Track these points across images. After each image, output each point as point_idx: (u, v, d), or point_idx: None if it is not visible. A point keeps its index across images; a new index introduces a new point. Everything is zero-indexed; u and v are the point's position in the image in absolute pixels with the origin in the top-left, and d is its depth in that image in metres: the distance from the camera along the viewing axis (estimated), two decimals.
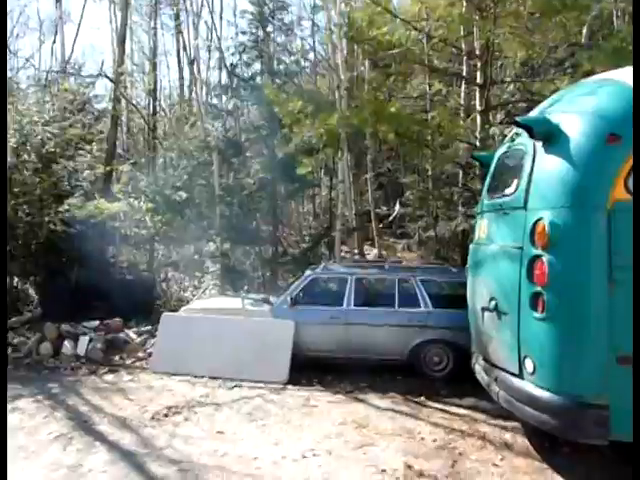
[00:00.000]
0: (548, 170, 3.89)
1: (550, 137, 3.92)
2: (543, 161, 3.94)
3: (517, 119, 4.33)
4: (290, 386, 6.01)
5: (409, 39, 8.17)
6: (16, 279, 10.31)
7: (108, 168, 10.65)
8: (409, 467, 3.99)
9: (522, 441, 4.43)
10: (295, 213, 15.38)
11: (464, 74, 10.09)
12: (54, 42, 20.53)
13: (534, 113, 4.70)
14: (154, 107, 15.09)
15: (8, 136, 9.50)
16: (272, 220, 10.94)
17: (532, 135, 4.04)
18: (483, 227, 4.81)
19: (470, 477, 3.84)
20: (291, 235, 14.04)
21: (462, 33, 9.06)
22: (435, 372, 6.31)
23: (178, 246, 10.76)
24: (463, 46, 9.84)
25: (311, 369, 6.36)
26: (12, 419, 5.00)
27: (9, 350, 7.54)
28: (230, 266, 10.48)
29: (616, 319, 3.45)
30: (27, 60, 18.11)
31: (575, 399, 3.51)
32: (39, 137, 9.73)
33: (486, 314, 4.42)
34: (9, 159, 9.06)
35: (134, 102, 16.35)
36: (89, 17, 33.25)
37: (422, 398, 5.59)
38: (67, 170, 10.03)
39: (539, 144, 4.01)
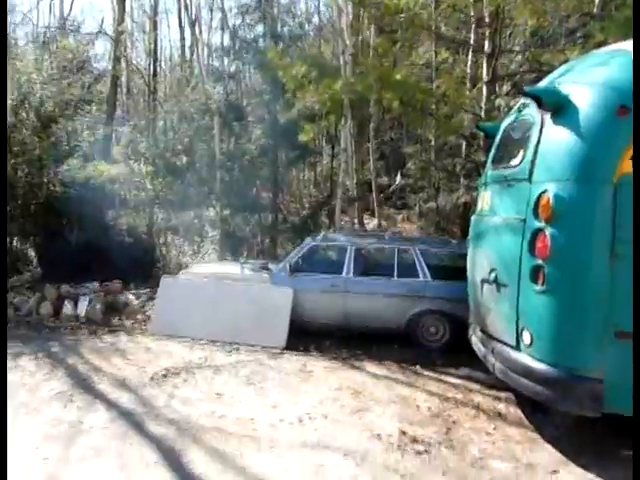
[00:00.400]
0: (555, 142, 3.83)
1: (559, 108, 3.84)
2: (550, 132, 3.88)
3: (526, 88, 4.25)
4: (287, 352, 6.07)
5: (417, 4, 7.94)
6: (15, 239, 10.31)
7: (108, 129, 10.51)
8: (403, 433, 4.06)
9: (515, 411, 4.50)
10: (295, 181, 15.26)
11: (472, 42, 9.84)
12: None
13: (543, 83, 4.61)
14: (154, 68, 14.80)
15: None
16: (272, 187, 10.87)
17: (540, 105, 3.97)
18: (486, 198, 4.77)
19: (463, 444, 3.92)
20: (291, 203, 13.97)
21: None
22: (431, 342, 6.35)
23: (178, 210, 10.70)
24: (472, 13, 9.58)
25: (308, 336, 6.41)
26: (13, 376, 5.08)
27: (10, 309, 7.60)
28: (229, 232, 10.47)
29: (616, 294, 3.46)
30: (25, 15, 17.58)
31: (571, 372, 3.55)
32: (38, 96, 9.57)
33: (485, 286, 4.43)
34: (8, 118, 8.93)
35: (134, 62, 16.03)
36: None
37: (418, 367, 5.66)
38: (66, 131, 9.90)
39: (547, 115, 3.94)
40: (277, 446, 3.86)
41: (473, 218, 5.13)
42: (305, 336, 6.39)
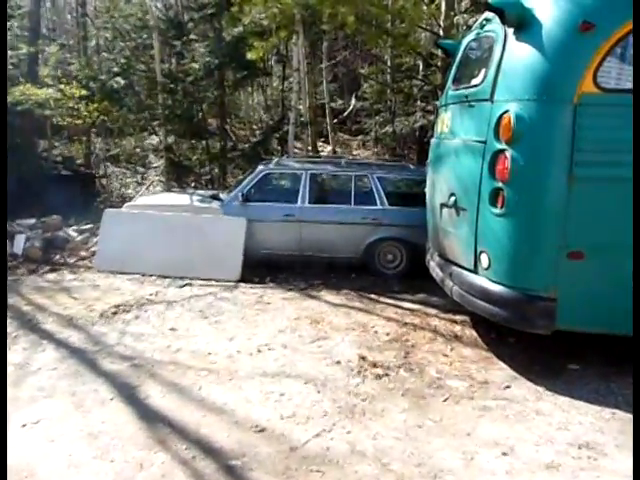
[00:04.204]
0: (517, 59, 3.68)
1: (522, 23, 3.66)
2: (513, 49, 3.70)
3: (489, 0, 3.99)
4: (242, 284, 5.94)
5: None
6: None
7: (32, 49, 9.49)
8: (363, 358, 4.08)
9: (471, 333, 4.61)
10: (244, 105, 14.53)
11: None
12: None
13: None
14: None
15: None
16: (220, 111, 10.27)
17: (503, 20, 3.75)
18: (446, 120, 4.60)
19: (421, 366, 3.99)
20: (241, 129, 13.37)
21: None
22: (388, 270, 6.37)
23: (117, 138, 10.01)
24: None
25: (264, 267, 6.30)
26: None
27: None
28: (175, 161, 9.94)
29: (572, 216, 3.46)
30: None
31: (526, 292, 3.62)
32: None
33: (444, 210, 4.38)
34: None
35: None
36: None
37: (375, 295, 5.68)
38: None
39: (510, 30, 3.74)
40: (236, 377, 3.80)
41: (432, 141, 4.99)
42: (261, 268, 6.27)
